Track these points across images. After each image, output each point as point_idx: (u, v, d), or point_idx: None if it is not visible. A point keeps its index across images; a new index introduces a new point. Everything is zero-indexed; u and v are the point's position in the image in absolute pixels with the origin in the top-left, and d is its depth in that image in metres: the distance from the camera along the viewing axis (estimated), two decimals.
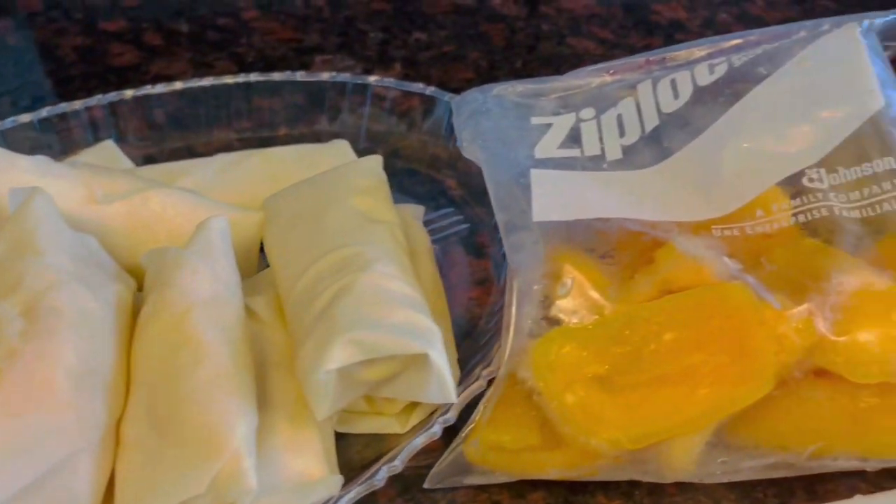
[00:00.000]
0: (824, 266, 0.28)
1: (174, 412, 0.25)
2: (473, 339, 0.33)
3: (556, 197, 0.30)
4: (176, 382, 0.25)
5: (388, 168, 0.43)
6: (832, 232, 0.28)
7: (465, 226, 0.39)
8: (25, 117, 0.41)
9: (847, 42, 0.31)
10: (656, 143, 0.33)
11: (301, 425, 0.27)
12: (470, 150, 0.33)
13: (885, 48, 0.34)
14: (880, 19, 0.32)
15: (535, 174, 0.31)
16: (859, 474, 0.29)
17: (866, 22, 0.32)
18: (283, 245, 0.32)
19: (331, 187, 0.34)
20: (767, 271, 0.28)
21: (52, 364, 0.24)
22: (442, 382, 0.26)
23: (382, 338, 0.25)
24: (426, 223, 0.38)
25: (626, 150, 0.33)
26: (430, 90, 0.42)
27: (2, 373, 0.23)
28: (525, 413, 0.27)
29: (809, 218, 0.28)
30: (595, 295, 0.28)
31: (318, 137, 0.43)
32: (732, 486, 0.29)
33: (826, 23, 0.33)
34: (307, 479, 0.26)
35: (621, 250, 0.29)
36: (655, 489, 0.29)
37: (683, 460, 0.27)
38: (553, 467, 0.28)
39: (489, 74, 0.52)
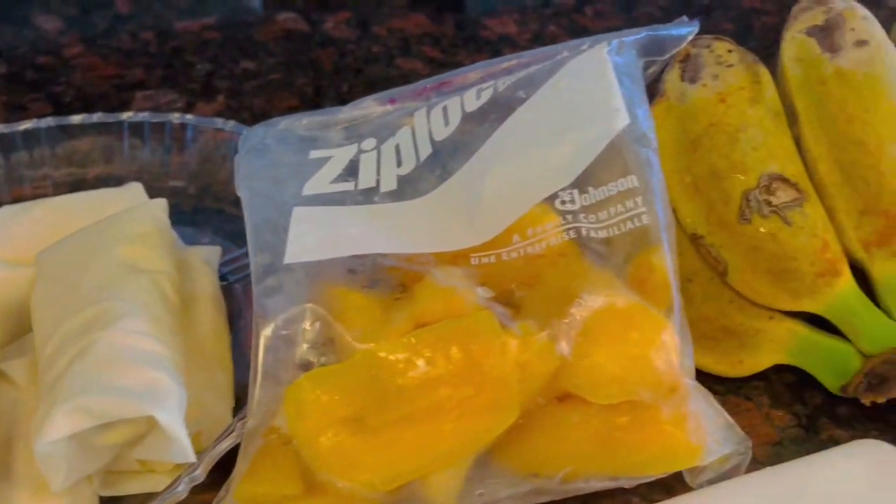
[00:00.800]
0: (574, 288, 0.28)
1: None
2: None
3: (314, 235, 0.30)
4: None
5: (198, 206, 0.43)
6: (581, 254, 0.29)
7: None
8: None
9: (595, 62, 0.31)
10: (429, 172, 0.33)
11: (45, 499, 0.26)
12: (240, 190, 0.33)
13: (651, 63, 0.35)
14: (631, 37, 0.33)
15: (298, 213, 0.31)
16: (631, 489, 0.29)
17: (615, 41, 0.32)
18: (43, 302, 0.31)
19: (100, 237, 0.32)
20: (517, 298, 0.28)
21: None
22: (175, 442, 0.25)
23: (110, 402, 0.24)
24: (229, 262, 0.38)
25: (401, 181, 0.33)
26: (230, 125, 0.42)
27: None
28: (284, 462, 0.27)
29: (560, 241, 0.29)
30: (346, 335, 0.27)
31: (124, 179, 0.42)
32: None
33: (586, 42, 0.34)
34: None
35: (377, 287, 0.29)
36: None
37: (443, 497, 0.27)
38: None
39: (314, 101, 0.52)
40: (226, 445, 0.27)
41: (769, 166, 0.30)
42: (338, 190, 0.32)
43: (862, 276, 0.31)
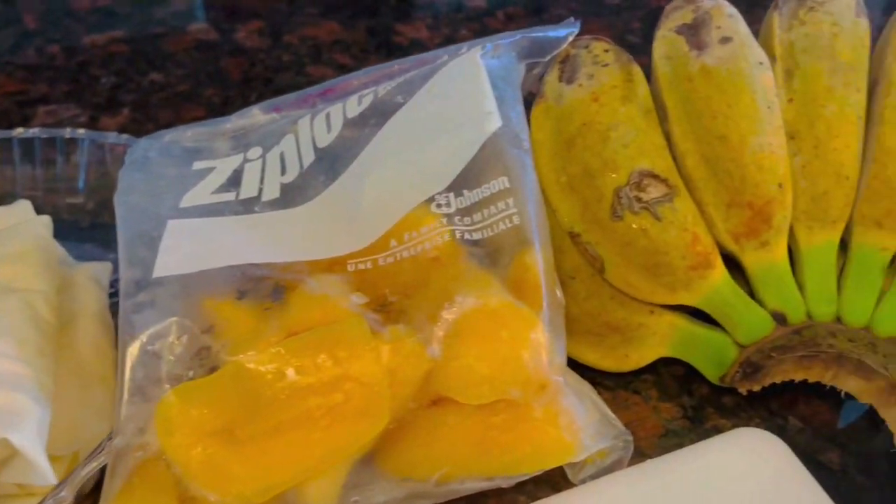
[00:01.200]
0: (448, 291, 0.28)
1: None
2: None
3: (186, 248, 0.29)
4: None
5: (96, 222, 0.42)
6: (459, 256, 0.29)
7: None
8: None
9: (468, 66, 0.32)
10: (313, 179, 0.32)
11: None
12: (116, 206, 0.32)
13: (535, 65, 0.35)
14: (507, 40, 0.33)
15: (172, 225, 0.30)
16: (517, 488, 0.30)
17: (490, 45, 0.33)
18: None
19: None
20: (392, 303, 0.28)
21: None
22: (33, 465, 0.25)
23: None
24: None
25: (285, 189, 0.32)
26: (124, 138, 0.41)
27: None
28: (158, 479, 0.26)
29: (436, 244, 0.29)
30: (215, 347, 0.27)
31: (17, 197, 0.41)
32: None
33: (464, 46, 0.34)
34: None
35: (250, 297, 0.28)
36: None
37: None
38: None
39: (221, 111, 0.51)
40: (95, 465, 0.26)
41: (639, 163, 0.30)
42: (218, 201, 0.32)
43: (734, 266, 0.31)
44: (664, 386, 0.34)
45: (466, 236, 0.29)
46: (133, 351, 0.27)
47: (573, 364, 0.32)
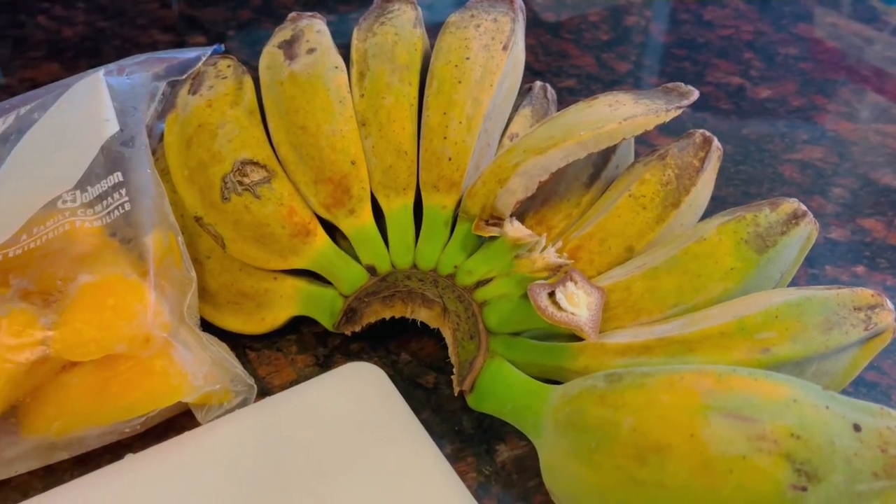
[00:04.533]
0: (69, 272, 0.33)
1: None
2: None
3: None
4: None
5: None
6: (79, 243, 0.34)
7: None
8: None
9: (92, 83, 0.37)
10: None
11: None
12: None
13: (176, 83, 0.41)
14: (131, 61, 0.39)
15: None
16: (156, 434, 0.34)
17: (114, 66, 0.38)
18: None
19: None
20: (19, 288, 0.32)
21: None
22: None
23: None
24: None
25: None
26: None
27: None
28: None
29: (58, 233, 0.34)
30: None
31: None
32: (45, 474, 0.33)
33: (101, 69, 0.39)
34: None
35: None
36: None
37: None
38: None
39: None
40: None
41: (241, 153, 0.36)
42: None
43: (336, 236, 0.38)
44: (304, 342, 0.40)
45: (87, 224, 0.34)
46: None
47: (224, 332, 0.38)
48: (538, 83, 0.44)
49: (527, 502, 0.33)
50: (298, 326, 0.40)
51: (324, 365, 0.39)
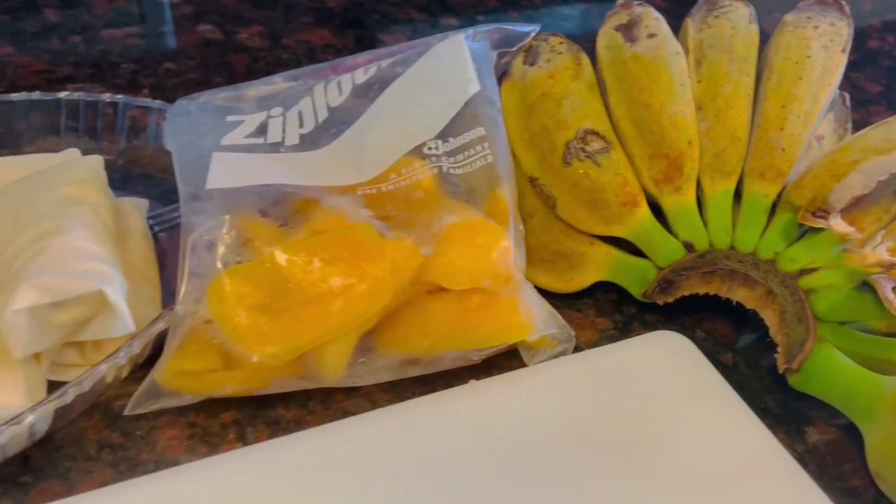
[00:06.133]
0: (435, 210, 0.36)
1: None
2: None
3: (230, 171, 0.37)
4: None
5: (127, 175, 0.49)
6: (446, 185, 0.37)
7: None
8: None
9: (454, 45, 0.41)
10: (326, 131, 0.41)
11: (4, 373, 0.32)
12: (168, 142, 0.40)
13: (505, 54, 0.44)
14: (485, 28, 0.42)
15: (217, 156, 0.38)
16: (484, 367, 0.37)
17: (471, 31, 0.42)
18: None
19: (45, 180, 0.39)
20: (391, 216, 0.36)
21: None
22: (119, 314, 0.32)
23: (64, 282, 0.31)
24: (157, 216, 0.45)
25: (303, 137, 0.40)
26: (157, 103, 0.49)
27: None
28: (205, 341, 0.34)
29: (426, 175, 0.37)
30: (256, 241, 0.34)
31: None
32: (388, 388, 0.37)
33: (450, 33, 0.43)
34: (6, 407, 0.30)
35: (281, 208, 0.36)
36: (327, 398, 0.36)
37: (334, 365, 0.34)
38: (232, 384, 0.34)
39: None
40: (160, 325, 0.33)
41: (584, 123, 0.39)
42: (250, 143, 0.40)
43: (657, 211, 0.40)
44: (600, 307, 0.42)
45: (451, 170, 0.37)
46: (193, 239, 0.34)
47: None
48: (837, 91, 0.45)
49: (843, 483, 0.34)
50: (593, 292, 0.43)
51: (623, 330, 0.41)
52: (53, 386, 0.34)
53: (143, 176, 0.48)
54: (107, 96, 0.49)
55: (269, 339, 0.33)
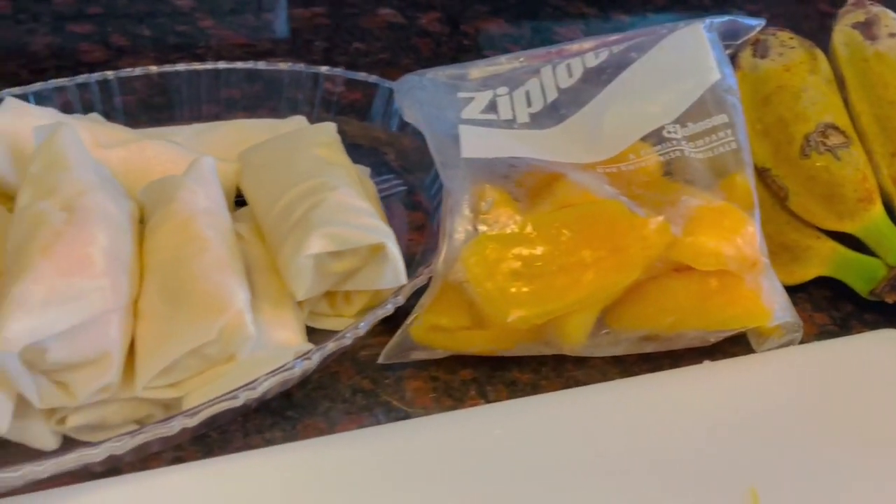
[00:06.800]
0: (677, 193, 0.37)
1: (183, 287, 0.31)
2: (412, 269, 0.41)
3: (479, 143, 0.39)
4: (184, 266, 0.32)
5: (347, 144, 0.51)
6: (684, 169, 0.38)
7: (403, 188, 0.47)
8: (17, 90, 0.46)
9: (693, 33, 0.41)
10: (556, 111, 0.42)
11: (282, 308, 0.34)
12: (409, 114, 0.41)
13: (728, 46, 0.44)
14: (719, 19, 0.43)
15: (462, 128, 0.40)
16: (707, 352, 0.38)
17: (708, 20, 0.42)
18: (258, 184, 0.39)
19: (295, 141, 0.41)
20: (636, 194, 0.37)
21: (89, 242, 0.30)
22: (395, 267, 0.34)
23: (350, 232, 0.33)
24: (376, 184, 0.47)
25: (533, 116, 0.42)
26: (373, 78, 0.51)
27: (51, 246, 0.29)
28: (458, 300, 0.35)
29: (669, 158, 0.38)
30: (509, 210, 0.36)
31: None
32: (615, 362, 0.38)
33: (682, 22, 0.43)
34: (287, 344, 0.33)
35: (528, 180, 0.37)
36: (558, 365, 0.37)
37: (577, 334, 0.35)
38: (480, 343, 0.35)
39: None
40: (422, 278, 0.35)
41: (824, 117, 0.39)
42: (486, 118, 0.41)
43: (888, 209, 0.40)
44: (815, 302, 0.42)
45: (692, 155, 0.38)
46: (454, 206, 0.36)
47: None
48: None
49: None
50: (806, 287, 0.43)
51: (842, 327, 0.41)
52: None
53: (354, 146, 0.50)
54: (325, 69, 0.52)
55: (519, 303, 0.35)
